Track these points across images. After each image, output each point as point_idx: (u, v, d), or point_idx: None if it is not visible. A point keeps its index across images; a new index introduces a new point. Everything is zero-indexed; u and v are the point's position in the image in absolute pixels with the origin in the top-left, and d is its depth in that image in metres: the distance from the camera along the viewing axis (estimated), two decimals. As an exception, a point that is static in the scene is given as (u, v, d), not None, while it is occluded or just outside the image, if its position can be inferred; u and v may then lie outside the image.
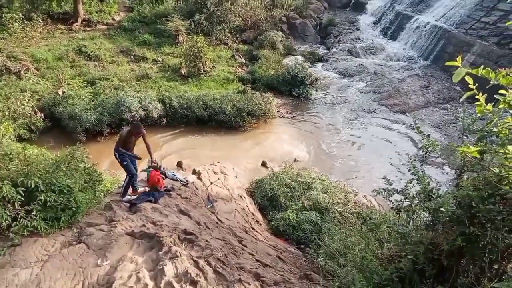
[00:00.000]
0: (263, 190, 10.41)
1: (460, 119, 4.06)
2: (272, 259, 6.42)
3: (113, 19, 26.06)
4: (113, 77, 19.21)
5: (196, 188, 9.11)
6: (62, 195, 5.86)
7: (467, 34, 22.03)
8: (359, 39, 28.67)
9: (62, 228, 5.99)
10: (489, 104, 2.43)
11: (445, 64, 2.46)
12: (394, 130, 17.61)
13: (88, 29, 24.87)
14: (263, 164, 14.14)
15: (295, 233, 8.59)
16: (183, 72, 20.67)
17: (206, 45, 21.37)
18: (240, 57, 24.16)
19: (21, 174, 5.76)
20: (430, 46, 24.12)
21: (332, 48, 27.85)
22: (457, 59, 2.14)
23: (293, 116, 18.77)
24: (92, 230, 5.95)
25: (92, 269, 5.05)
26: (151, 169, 8.26)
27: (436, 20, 25.01)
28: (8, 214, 5.36)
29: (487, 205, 3.04)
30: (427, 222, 3.89)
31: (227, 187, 10.01)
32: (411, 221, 4.37)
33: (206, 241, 5.77)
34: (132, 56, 22.36)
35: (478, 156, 2.81)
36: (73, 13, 25.00)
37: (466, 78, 2.22)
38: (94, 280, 4.87)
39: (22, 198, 5.51)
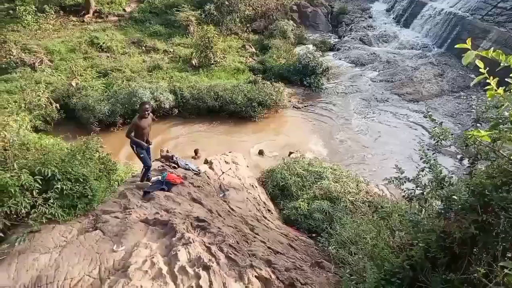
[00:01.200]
0: (274, 180, 10.46)
1: (473, 107, 4.01)
2: (284, 247, 6.49)
3: (124, 10, 26.14)
4: (125, 68, 19.35)
5: (208, 177, 9.21)
6: (78, 184, 6.02)
7: (483, 20, 21.43)
8: (372, 27, 28.18)
9: (79, 215, 6.16)
10: (500, 88, 2.38)
11: (455, 47, 2.41)
12: (407, 119, 17.39)
13: (99, 20, 25.01)
14: (260, 153, 14.14)
15: (307, 222, 8.64)
16: (194, 62, 20.69)
17: (216, 35, 21.30)
18: (251, 47, 24.03)
19: (38, 163, 5.92)
20: (445, 33, 23.56)
21: (344, 37, 27.45)
22: (467, 41, 2.11)
23: (304, 106, 18.67)
24: (107, 217, 6.10)
25: (108, 254, 5.20)
26: (167, 167, 8.48)
27: (450, 7, 24.37)
28: (27, 201, 5.54)
29: (501, 193, 3.02)
30: (439, 210, 3.87)
31: (238, 177, 10.08)
32: (423, 210, 4.36)
33: (218, 228, 5.87)
34: (143, 47, 22.44)
35: (488, 140, 2.77)
36: (85, 4, 25.15)
37: (477, 62, 2.18)
38: (110, 265, 5.02)
39: (40, 186, 5.68)
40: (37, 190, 5.65)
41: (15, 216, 5.65)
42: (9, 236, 5.58)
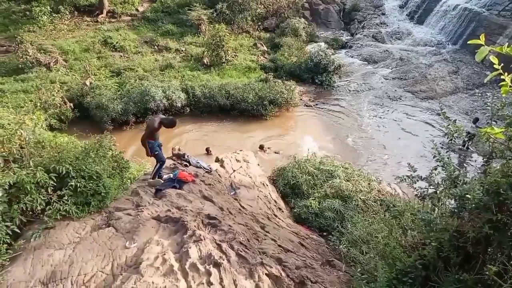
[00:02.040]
0: (285, 178, 10.43)
1: (488, 104, 3.91)
2: (294, 245, 6.48)
3: (136, 10, 26.40)
4: (138, 67, 19.59)
5: (219, 175, 9.24)
6: (91, 181, 6.12)
7: (500, 16, 20.96)
8: (385, 24, 27.86)
9: (92, 212, 6.26)
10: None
11: (468, 43, 2.36)
12: (420, 117, 17.15)
13: (113, 20, 25.33)
14: (261, 147, 14.07)
15: (318, 221, 8.59)
16: (205, 61, 20.78)
17: (228, 34, 21.37)
18: (262, 45, 24.01)
19: (53, 161, 6.04)
20: (460, 29, 23.12)
21: (356, 34, 27.21)
22: (480, 36, 2.06)
23: (316, 104, 18.58)
24: (120, 214, 6.18)
25: (120, 251, 5.27)
26: (179, 165, 8.59)
27: (466, 2, 23.90)
28: (42, 198, 5.66)
29: (516, 192, 2.95)
30: (453, 210, 3.81)
31: (249, 175, 10.09)
32: (436, 209, 4.30)
33: (229, 225, 5.89)
34: (155, 46, 22.66)
35: (503, 138, 2.72)
36: (98, 5, 25.49)
37: (491, 59, 2.13)
38: (122, 261, 5.09)
39: (55, 184, 5.80)
40: (52, 188, 5.77)
41: (30, 212, 5.78)
42: (25, 232, 5.71)
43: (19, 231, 5.49)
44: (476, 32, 21.35)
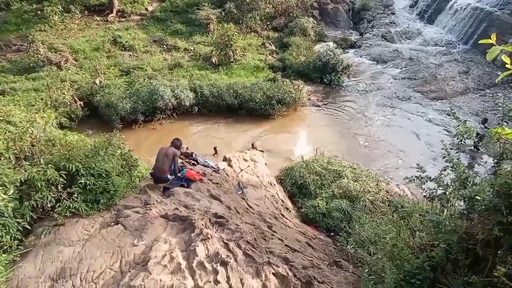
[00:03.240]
0: (292, 178, 10.42)
1: (499, 104, 3.86)
2: (301, 245, 6.47)
3: (146, 9, 26.52)
4: (147, 66, 19.70)
5: (227, 174, 9.28)
6: (100, 179, 6.20)
7: (512, 15, 20.64)
8: (394, 23, 27.60)
9: (101, 210, 6.34)
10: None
11: (479, 42, 2.33)
12: (430, 117, 16.96)
13: (122, 20, 25.49)
14: (253, 146, 13.89)
15: (325, 221, 8.58)
16: (214, 60, 20.82)
17: (236, 33, 21.35)
18: (271, 45, 23.97)
19: (63, 159, 6.14)
20: (470, 29, 22.78)
21: (365, 34, 27.00)
22: (491, 36, 2.04)
23: (324, 104, 18.48)
24: (128, 212, 6.24)
25: (129, 248, 5.33)
26: (187, 164, 8.66)
27: (477, 2, 23.55)
28: (53, 196, 5.76)
29: (528, 194, 2.92)
30: (462, 211, 3.77)
31: (257, 174, 10.10)
32: (445, 210, 4.26)
33: (236, 225, 5.91)
34: (164, 46, 22.76)
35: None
36: (108, 4, 25.68)
37: (503, 58, 2.11)
38: (131, 258, 5.15)
39: (64, 181, 5.89)
40: (61, 185, 5.86)
41: (41, 209, 5.88)
42: (35, 228, 5.81)
43: (29, 228, 5.59)
44: (488, 32, 21.01)
